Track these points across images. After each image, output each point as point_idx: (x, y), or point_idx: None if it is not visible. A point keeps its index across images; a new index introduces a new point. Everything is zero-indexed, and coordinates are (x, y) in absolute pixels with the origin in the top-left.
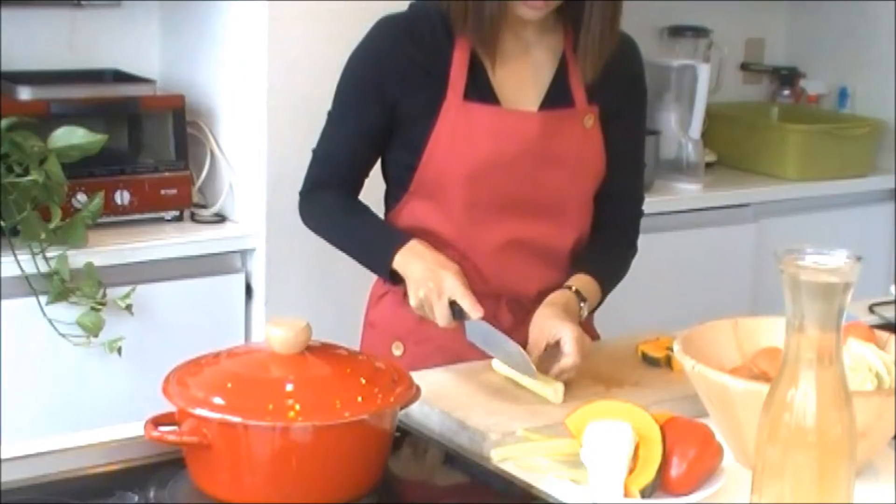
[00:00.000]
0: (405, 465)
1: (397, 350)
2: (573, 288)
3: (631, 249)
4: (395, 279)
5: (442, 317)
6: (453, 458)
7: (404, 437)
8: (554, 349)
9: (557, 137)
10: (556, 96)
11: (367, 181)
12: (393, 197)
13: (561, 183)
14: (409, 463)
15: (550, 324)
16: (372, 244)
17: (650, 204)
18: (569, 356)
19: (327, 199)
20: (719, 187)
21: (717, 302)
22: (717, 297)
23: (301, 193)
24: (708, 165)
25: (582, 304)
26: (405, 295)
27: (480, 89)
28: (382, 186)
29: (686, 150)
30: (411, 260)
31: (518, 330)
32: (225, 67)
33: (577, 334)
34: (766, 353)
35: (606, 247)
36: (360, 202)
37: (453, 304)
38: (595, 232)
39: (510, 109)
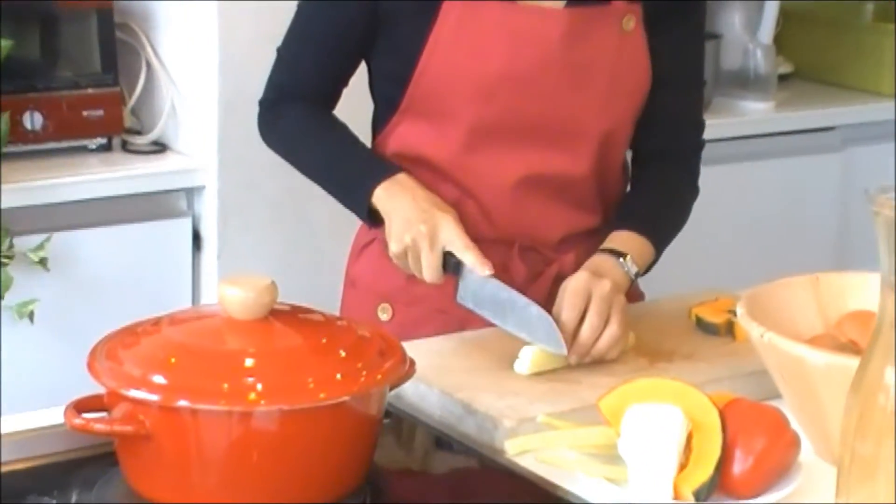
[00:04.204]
0: (397, 458)
1: (384, 314)
2: (604, 249)
3: (690, 190)
4: (375, 219)
5: (431, 269)
6: (457, 449)
7: (395, 424)
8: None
9: (588, 42)
10: None
11: (353, 102)
12: (380, 118)
13: (593, 102)
14: (402, 456)
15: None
16: (348, 171)
17: (708, 128)
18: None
19: (294, 113)
20: (796, 106)
21: (792, 252)
22: (793, 246)
23: (261, 102)
24: (781, 78)
25: (621, 260)
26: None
27: None
28: (367, 107)
29: (754, 58)
30: (398, 195)
31: (534, 286)
32: None
33: (581, 285)
34: (855, 318)
35: (656, 188)
36: (335, 118)
37: (446, 257)
38: (641, 169)
39: (529, 4)
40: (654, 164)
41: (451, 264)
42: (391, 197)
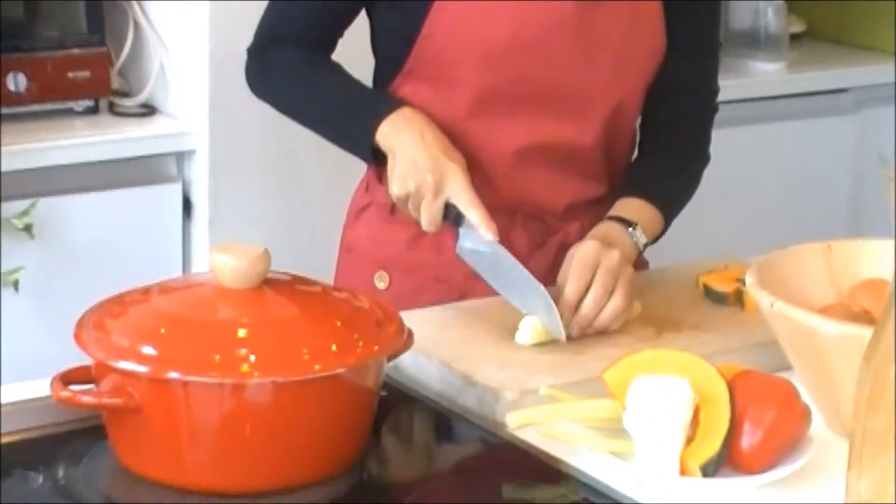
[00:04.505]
0: (395, 433)
1: (381, 282)
2: (614, 216)
3: (701, 157)
4: (378, 158)
5: (430, 220)
6: (457, 423)
7: (393, 397)
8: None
9: (602, 8)
10: None
11: (352, 58)
12: (383, 77)
13: (604, 71)
14: (400, 431)
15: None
16: (348, 108)
17: None
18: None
19: (285, 55)
20: (808, 66)
21: (803, 219)
22: (805, 212)
23: (250, 50)
24: (793, 37)
25: (631, 230)
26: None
27: None
28: (367, 62)
29: (765, 16)
30: (404, 130)
31: (538, 255)
32: None
33: (589, 255)
34: (869, 287)
35: (666, 155)
36: (329, 58)
37: (448, 206)
38: (651, 135)
39: None
40: (665, 131)
41: (452, 214)
42: (397, 133)
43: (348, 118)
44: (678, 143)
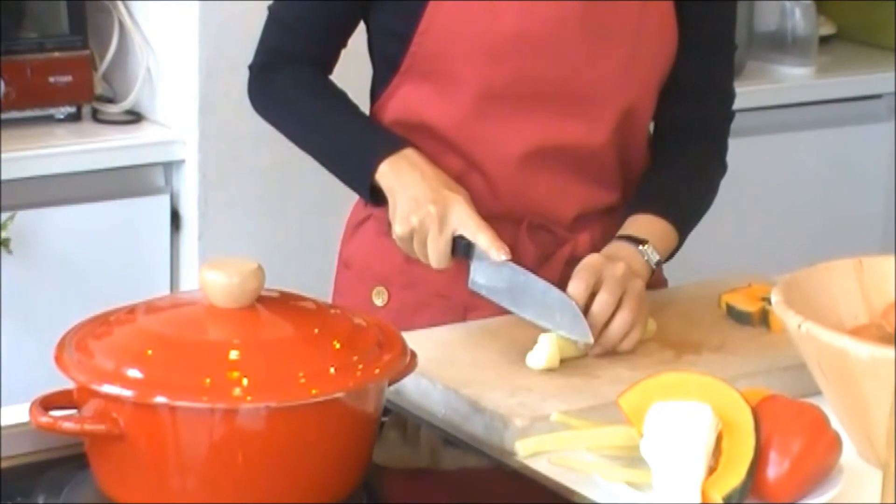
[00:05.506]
0: (396, 460)
1: (378, 298)
2: (623, 235)
3: (718, 166)
4: (377, 198)
5: (439, 255)
6: (463, 451)
7: (395, 423)
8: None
9: (610, 2)
10: None
11: (350, 70)
12: (379, 81)
13: (614, 67)
14: (402, 458)
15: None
16: (349, 143)
17: (740, 95)
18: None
19: (288, 77)
20: (839, 71)
21: (834, 233)
22: (835, 226)
23: (251, 67)
24: (822, 40)
25: (641, 248)
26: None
27: None
28: (366, 74)
29: (792, 18)
30: (405, 172)
31: (545, 268)
32: None
33: (593, 263)
34: None
35: (679, 165)
36: (333, 84)
37: (455, 241)
38: (663, 144)
39: None
40: (678, 137)
41: (461, 247)
42: (398, 173)
43: (348, 154)
44: (691, 150)
